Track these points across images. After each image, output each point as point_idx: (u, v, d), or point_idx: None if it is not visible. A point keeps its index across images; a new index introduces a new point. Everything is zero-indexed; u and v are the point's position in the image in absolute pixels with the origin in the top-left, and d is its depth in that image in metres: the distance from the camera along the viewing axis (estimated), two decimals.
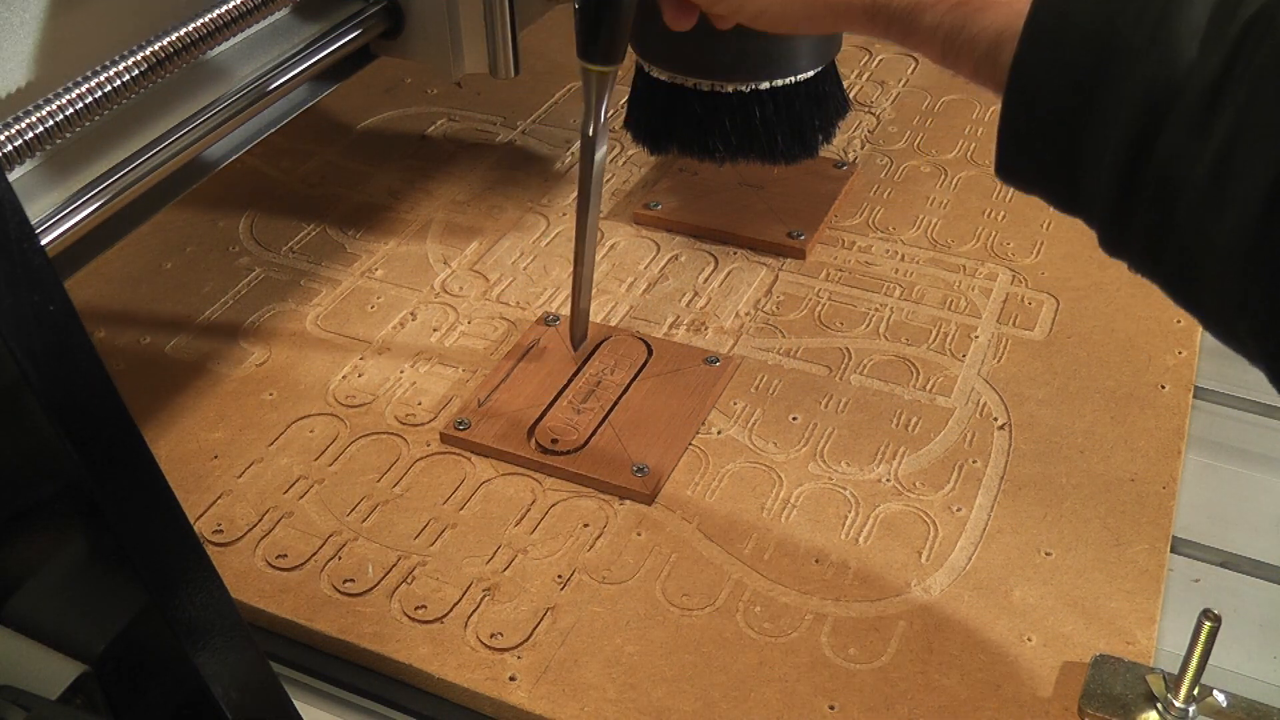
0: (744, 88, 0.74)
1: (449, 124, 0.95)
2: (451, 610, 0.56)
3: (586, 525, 0.60)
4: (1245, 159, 0.37)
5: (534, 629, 0.55)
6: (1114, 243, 0.43)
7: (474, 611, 0.56)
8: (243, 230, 0.83)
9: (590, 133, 0.65)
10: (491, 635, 0.55)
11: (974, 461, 0.63)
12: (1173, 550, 0.59)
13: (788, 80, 0.74)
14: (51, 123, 0.54)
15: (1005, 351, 0.70)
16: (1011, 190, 0.46)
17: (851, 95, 0.90)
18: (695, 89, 0.74)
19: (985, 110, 0.93)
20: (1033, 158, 0.43)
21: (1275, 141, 0.36)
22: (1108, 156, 0.40)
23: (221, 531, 0.60)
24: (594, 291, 0.76)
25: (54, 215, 0.57)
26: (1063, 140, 0.42)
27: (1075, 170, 0.42)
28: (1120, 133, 0.40)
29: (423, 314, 0.75)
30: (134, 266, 0.79)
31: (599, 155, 0.66)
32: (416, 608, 0.56)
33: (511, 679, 0.53)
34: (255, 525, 0.61)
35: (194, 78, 0.65)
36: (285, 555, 0.59)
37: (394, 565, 0.58)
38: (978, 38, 0.44)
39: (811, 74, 0.75)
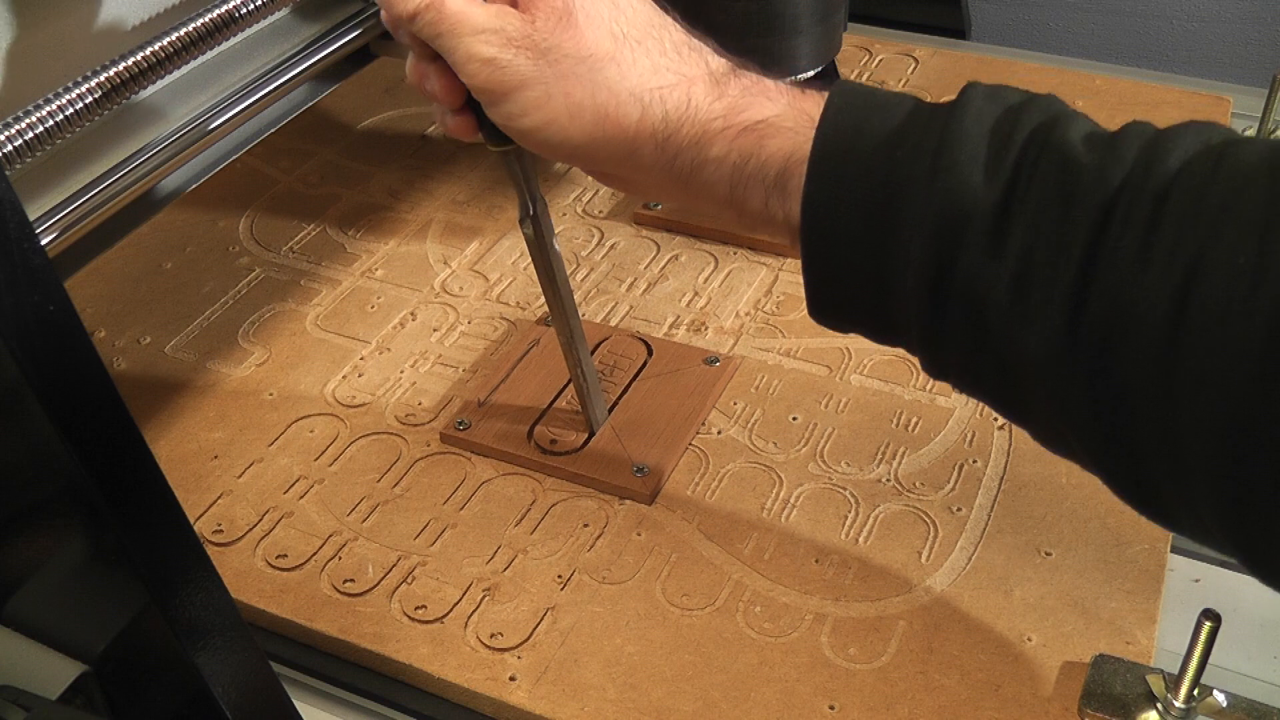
0: None
1: None
2: (451, 610, 0.56)
3: (586, 525, 0.60)
4: (1041, 271, 0.38)
5: (534, 629, 0.55)
6: (935, 367, 0.44)
7: (474, 611, 0.56)
8: (243, 230, 0.83)
9: (531, 212, 0.57)
10: (491, 635, 0.55)
11: (974, 461, 0.63)
12: (1173, 550, 0.59)
13: (788, 80, 0.74)
14: (51, 122, 0.54)
15: None
16: None
17: None
18: None
19: None
20: (841, 290, 0.44)
21: (1066, 253, 0.38)
22: (910, 283, 0.41)
23: (221, 531, 0.60)
24: (594, 292, 0.76)
25: (54, 215, 0.57)
26: (865, 271, 0.42)
27: (884, 298, 0.42)
28: (919, 260, 0.40)
29: (423, 314, 0.75)
30: (134, 266, 0.79)
31: (553, 238, 0.59)
32: (416, 608, 0.56)
33: (511, 679, 0.53)
34: (255, 525, 0.61)
35: (194, 77, 0.65)
36: (285, 555, 0.59)
37: (394, 565, 0.58)
38: (768, 163, 0.44)
39: (811, 74, 0.75)
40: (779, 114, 0.45)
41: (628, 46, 0.47)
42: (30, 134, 0.53)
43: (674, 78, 0.47)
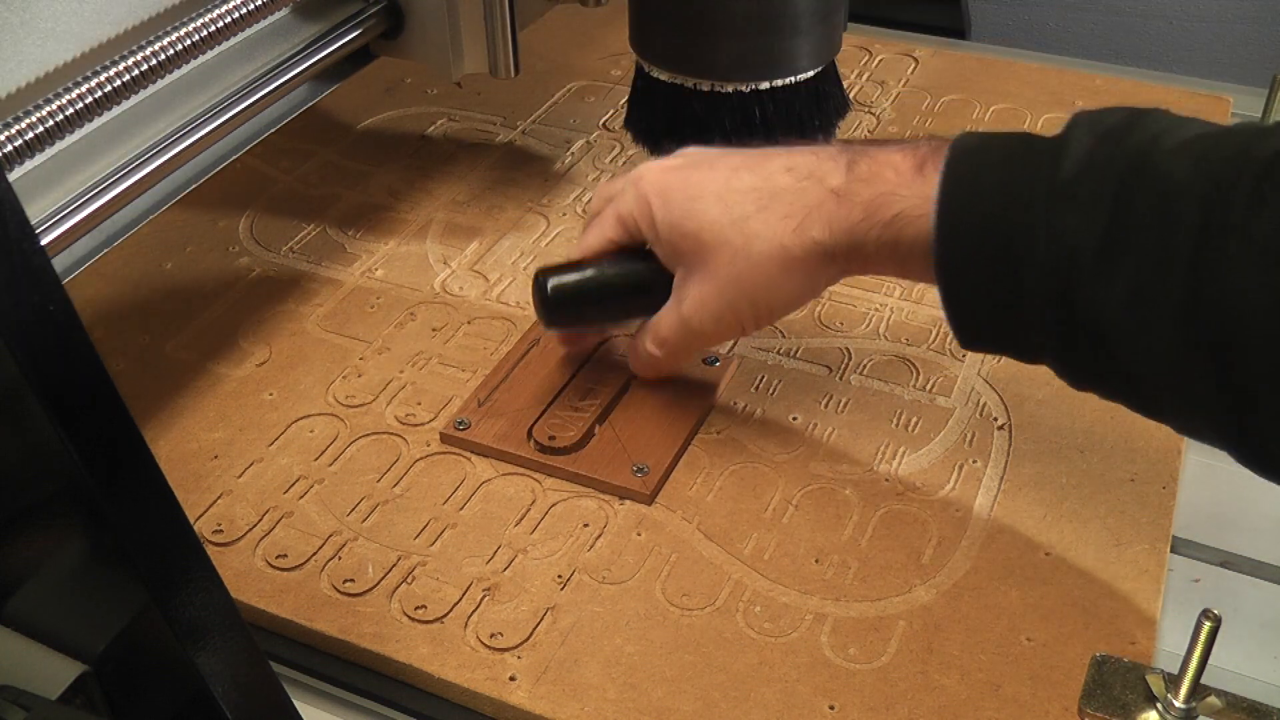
0: (744, 88, 0.74)
1: (449, 124, 0.95)
2: (451, 610, 0.56)
3: (586, 525, 0.60)
4: (1150, 289, 0.43)
5: (534, 629, 0.55)
6: (1077, 383, 0.50)
7: (474, 611, 0.56)
8: (243, 230, 0.83)
9: None
10: (491, 635, 0.55)
11: (974, 461, 0.63)
12: (1173, 550, 0.59)
13: (788, 80, 0.74)
14: (51, 123, 0.54)
15: None
16: None
17: (851, 95, 0.90)
18: (695, 89, 0.74)
19: (985, 111, 0.93)
20: (984, 334, 0.51)
21: (1169, 268, 0.42)
22: (1039, 319, 0.47)
23: (221, 531, 0.60)
24: None
25: (54, 215, 0.57)
26: (1005, 319, 0.49)
27: (1025, 334, 0.49)
28: (1042, 298, 0.47)
29: (423, 314, 0.75)
30: (134, 266, 0.79)
31: None
32: (416, 608, 0.56)
33: (511, 679, 0.53)
34: (255, 525, 0.61)
35: (194, 78, 0.65)
36: (285, 555, 0.59)
37: (394, 565, 0.58)
38: (914, 248, 0.51)
39: (811, 74, 0.75)
40: (907, 204, 0.51)
41: (756, 222, 0.56)
42: (30, 134, 0.53)
43: (802, 211, 0.55)
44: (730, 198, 0.57)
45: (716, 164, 0.59)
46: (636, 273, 0.62)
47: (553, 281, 0.62)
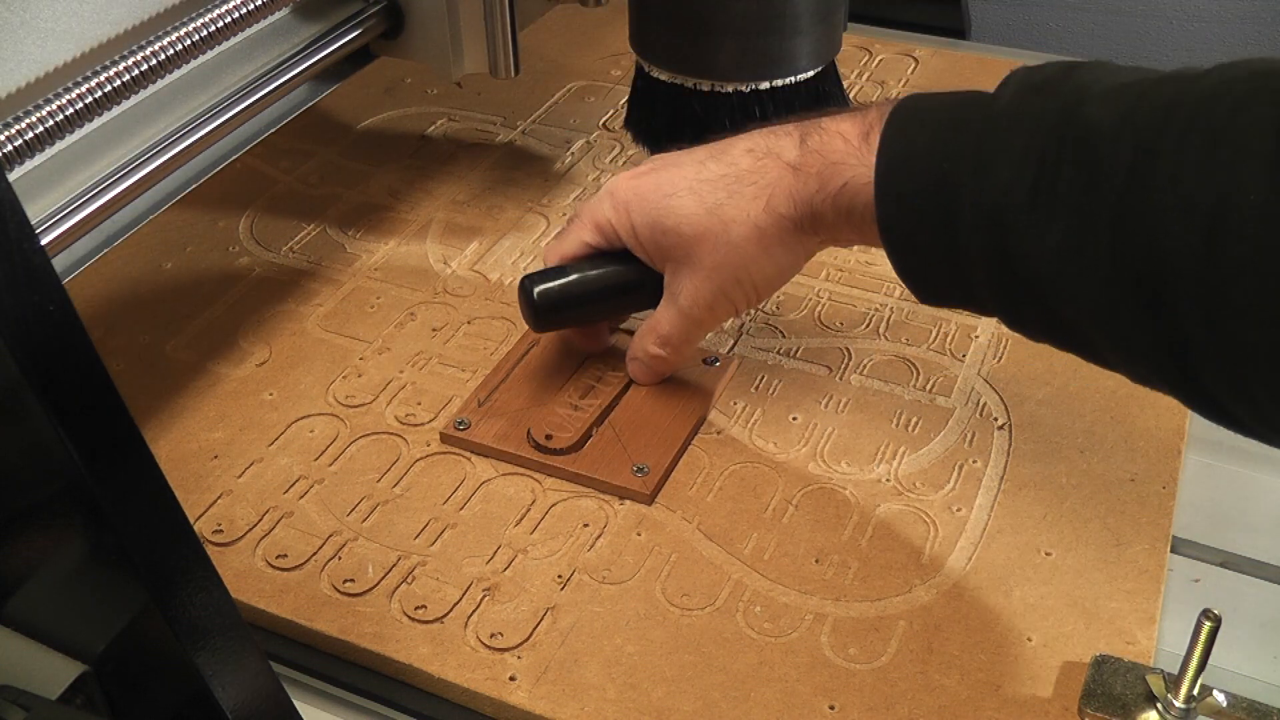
0: (744, 88, 0.74)
1: (449, 124, 0.95)
2: (451, 610, 0.56)
3: (586, 525, 0.60)
4: (1079, 238, 0.44)
5: (534, 629, 0.55)
6: (1030, 335, 0.51)
7: (474, 611, 0.56)
8: (243, 230, 0.83)
9: None
10: (491, 635, 0.55)
11: (974, 461, 0.63)
12: (1173, 550, 0.59)
13: (788, 80, 0.74)
14: (51, 123, 0.54)
15: (1005, 351, 0.70)
16: None
17: (851, 95, 0.90)
18: (696, 89, 0.74)
19: None
20: (937, 293, 0.52)
21: (1097, 218, 0.43)
22: (981, 275, 0.48)
23: (221, 531, 0.60)
24: None
25: (54, 215, 0.57)
26: (950, 278, 0.50)
27: (970, 291, 0.50)
28: (979, 254, 0.48)
29: (423, 314, 0.75)
30: (134, 266, 0.79)
31: None
32: (416, 608, 0.56)
33: (511, 679, 0.53)
34: (255, 525, 0.61)
35: (194, 78, 0.65)
36: (285, 555, 0.59)
37: (394, 565, 0.58)
38: (866, 214, 0.52)
39: (811, 74, 0.75)
40: (854, 173, 0.53)
41: (729, 208, 0.57)
42: (30, 134, 0.53)
43: (767, 189, 0.56)
44: (702, 189, 0.58)
45: (683, 161, 0.60)
46: (618, 272, 0.64)
47: (539, 287, 0.63)
